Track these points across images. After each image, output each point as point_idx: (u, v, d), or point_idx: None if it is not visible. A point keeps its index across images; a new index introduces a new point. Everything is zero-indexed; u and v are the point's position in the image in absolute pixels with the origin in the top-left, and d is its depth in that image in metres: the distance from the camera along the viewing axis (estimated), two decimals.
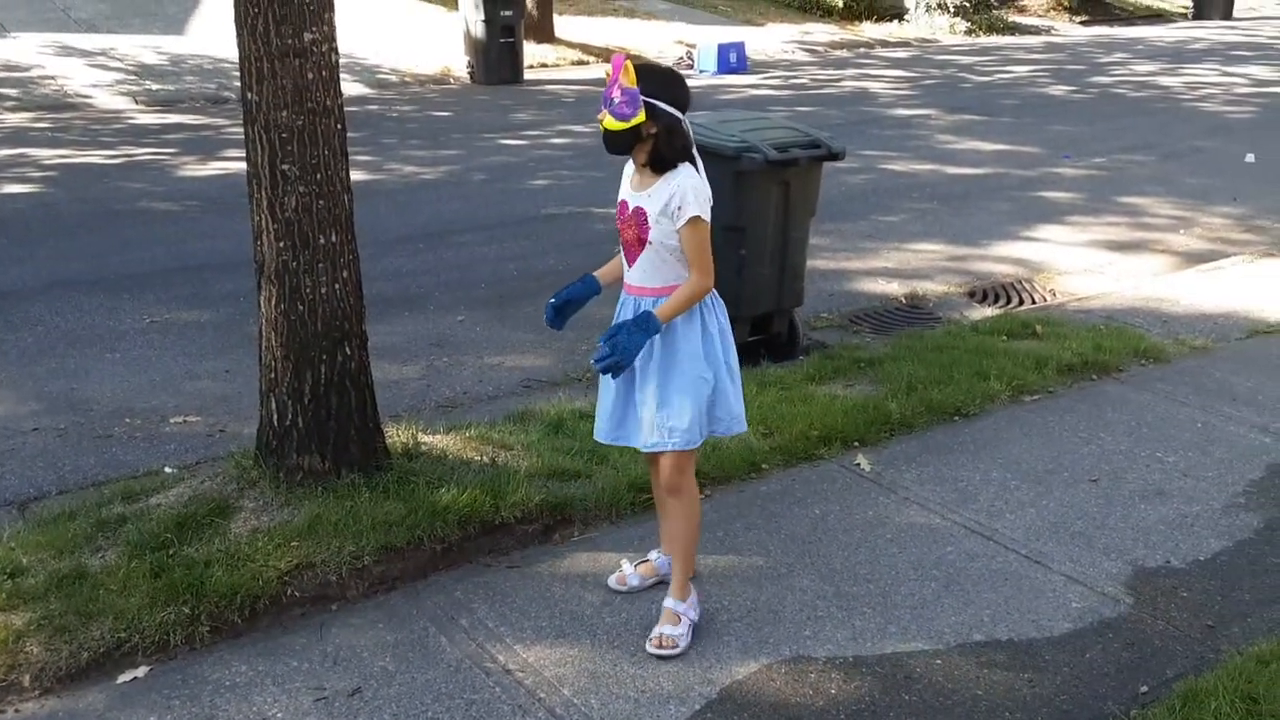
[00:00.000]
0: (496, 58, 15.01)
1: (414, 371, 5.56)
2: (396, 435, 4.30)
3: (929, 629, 3.42)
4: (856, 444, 4.63)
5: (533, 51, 16.42)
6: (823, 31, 20.99)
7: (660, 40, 18.42)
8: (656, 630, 3.32)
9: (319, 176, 3.75)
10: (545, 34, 17.59)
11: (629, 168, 3.29)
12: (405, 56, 15.57)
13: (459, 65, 15.36)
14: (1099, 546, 3.91)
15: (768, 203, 5.40)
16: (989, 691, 3.15)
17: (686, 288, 3.16)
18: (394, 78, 14.83)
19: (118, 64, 14.03)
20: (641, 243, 3.19)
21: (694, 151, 3.20)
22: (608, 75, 3.12)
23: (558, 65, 16.75)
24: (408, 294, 6.64)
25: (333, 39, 3.77)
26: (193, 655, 3.25)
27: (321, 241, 3.79)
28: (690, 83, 3.27)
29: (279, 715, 3.01)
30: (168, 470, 4.33)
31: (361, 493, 3.84)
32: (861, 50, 20.10)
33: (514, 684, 3.15)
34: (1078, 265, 7.49)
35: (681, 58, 17.47)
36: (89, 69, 13.67)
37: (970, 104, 14.15)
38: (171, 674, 3.18)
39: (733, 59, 16.87)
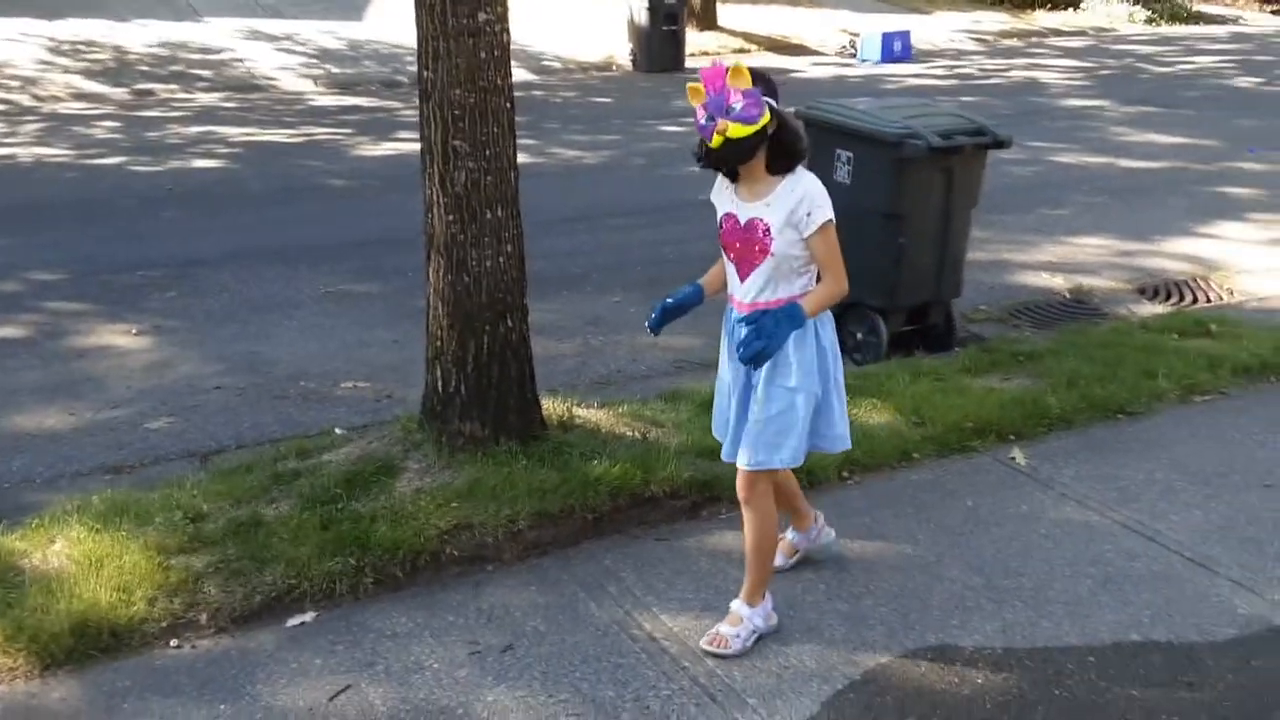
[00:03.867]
0: (659, 45, 15.11)
1: (570, 348, 5.68)
2: (552, 408, 4.41)
3: (1083, 626, 3.34)
4: (1012, 438, 4.53)
5: (695, 39, 16.46)
6: (993, 20, 20.41)
7: (823, 29, 18.22)
8: (715, 628, 3.24)
9: (488, 153, 3.88)
10: (708, 22, 17.62)
11: (724, 180, 3.13)
12: (570, 44, 15.82)
13: (622, 53, 15.52)
14: (1270, 553, 3.73)
15: (929, 191, 5.32)
16: (1145, 693, 3.06)
17: (826, 288, 3.05)
18: (558, 64, 15.10)
19: (300, 48, 14.70)
20: (762, 253, 3.04)
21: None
22: (700, 91, 2.92)
23: (719, 53, 16.75)
24: (566, 273, 6.78)
25: (505, 19, 3.89)
26: (356, 604, 3.42)
27: (488, 216, 3.92)
28: (852, 71, 3.26)
29: (435, 666, 3.15)
30: (338, 431, 4.55)
31: (519, 460, 3.97)
32: (1033, 39, 19.46)
33: (659, 651, 3.22)
34: (1259, 264, 7.12)
35: (844, 46, 17.24)
36: (275, 53, 14.36)
37: (1148, 96, 13.56)
38: (336, 621, 3.35)
39: (897, 48, 16.55)
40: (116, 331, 5.79)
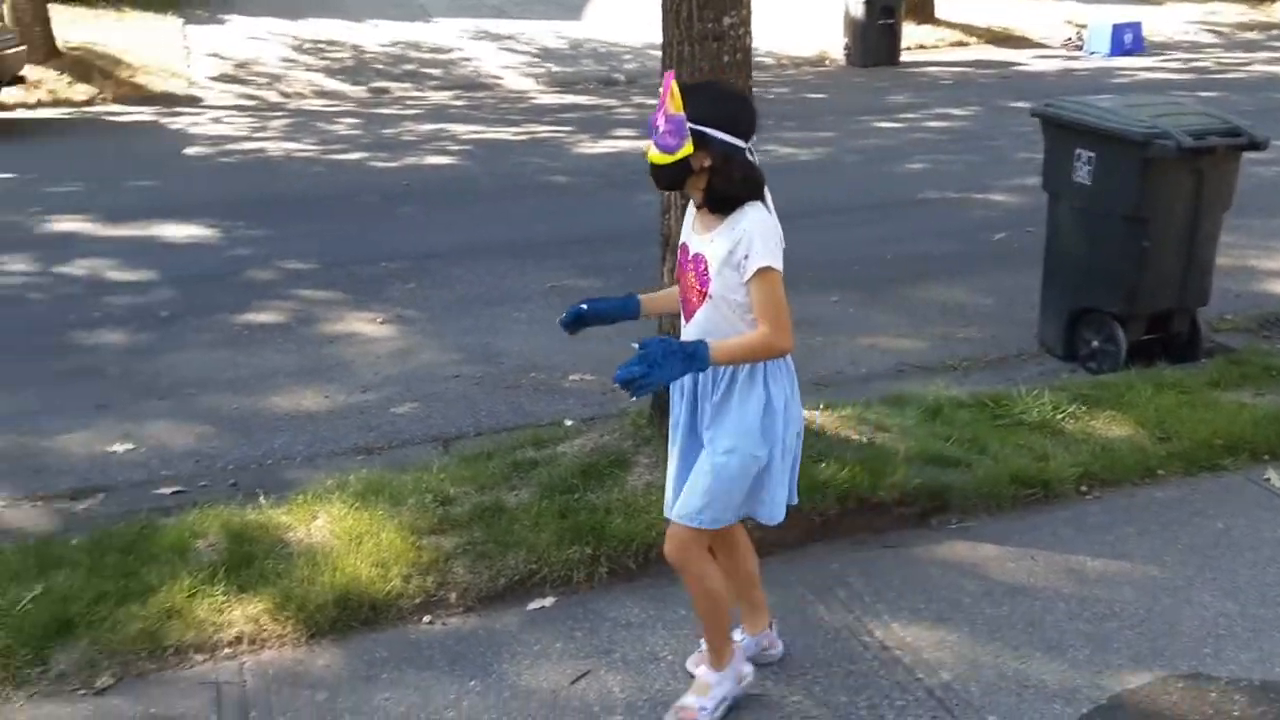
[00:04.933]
0: (875, 40, 14.90)
1: None
2: None
3: None
4: (1266, 457, 4.28)
5: (911, 33, 16.14)
6: (1230, 11, 19.19)
7: (1048, 20, 17.53)
8: (681, 699, 2.98)
9: None
10: (925, 15, 17.24)
11: (692, 206, 2.84)
12: (782, 39, 15.76)
13: (835, 48, 15.37)
14: None
15: (1178, 193, 5.07)
16: None
17: (754, 337, 2.68)
18: (770, 60, 15.06)
19: (524, 48, 15.20)
20: (702, 295, 2.74)
21: (764, 186, 2.72)
22: (660, 95, 2.64)
23: (936, 47, 16.36)
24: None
25: (748, 23, 3.92)
26: (592, 593, 3.54)
27: None
28: (1079, 65, 3.09)
29: (670, 657, 3.23)
30: (568, 423, 4.71)
31: None
32: (1274, 32, 18.18)
33: (892, 660, 3.20)
34: None
35: (1070, 38, 16.53)
36: (499, 52, 14.90)
37: None
38: (574, 607, 3.48)
39: (1128, 40, 15.76)
40: (363, 320, 6.16)
